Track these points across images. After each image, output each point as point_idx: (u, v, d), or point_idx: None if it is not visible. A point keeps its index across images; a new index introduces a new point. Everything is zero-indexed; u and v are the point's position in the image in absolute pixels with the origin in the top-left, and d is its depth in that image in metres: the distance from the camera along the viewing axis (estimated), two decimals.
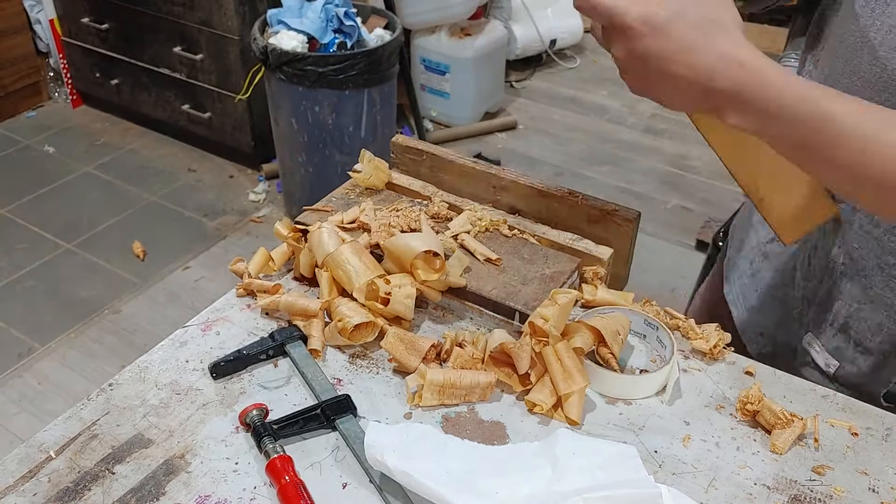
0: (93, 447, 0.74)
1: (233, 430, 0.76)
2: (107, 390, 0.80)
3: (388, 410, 0.78)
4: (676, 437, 0.77)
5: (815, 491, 0.72)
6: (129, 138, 3.33)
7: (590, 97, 3.73)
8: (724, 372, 0.84)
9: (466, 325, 0.89)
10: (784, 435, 0.76)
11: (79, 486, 0.70)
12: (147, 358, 0.84)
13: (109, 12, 3.10)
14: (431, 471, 0.66)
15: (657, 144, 3.32)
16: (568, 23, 3.88)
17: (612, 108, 3.64)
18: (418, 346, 0.81)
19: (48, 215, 2.85)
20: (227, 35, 2.80)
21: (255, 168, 3.10)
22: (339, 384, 0.81)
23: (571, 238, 0.97)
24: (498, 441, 0.76)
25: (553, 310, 0.79)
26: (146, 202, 2.95)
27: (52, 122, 3.42)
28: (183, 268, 2.63)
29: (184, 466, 0.72)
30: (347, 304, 0.85)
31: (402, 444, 0.68)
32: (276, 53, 2.40)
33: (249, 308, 0.91)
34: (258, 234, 2.80)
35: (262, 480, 0.71)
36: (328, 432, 0.76)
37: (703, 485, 0.72)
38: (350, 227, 0.97)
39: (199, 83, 3.00)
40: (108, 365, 2.24)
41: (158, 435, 0.75)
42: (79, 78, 3.43)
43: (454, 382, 0.78)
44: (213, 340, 0.86)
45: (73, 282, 2.56)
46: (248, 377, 0.82)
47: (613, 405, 0.80)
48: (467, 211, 1.00)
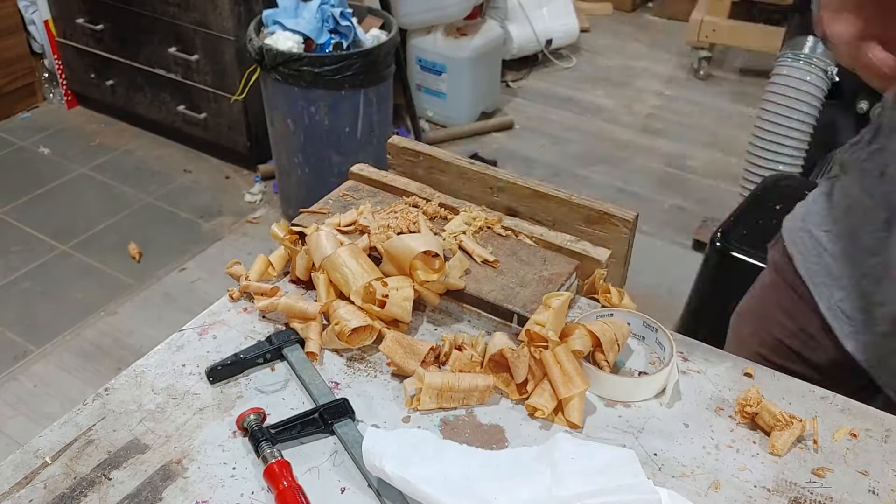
0: (89, 453, 0.73)
1: (230, 435, 0.75)
2: (102, 395, 0.79)
3: (387, 414, 0.78)
4: (676, 439, 0.77)
5: (814, 493, 0.72)
6: (125, 139, 3.32)
7: (586, 97, 3.73)
8: (723, 374, 0.84)
9: (464, 328, 0.89)
10: (783, 436, 0.76)
11: (75, 492, 0.70)
12: (143, 362, 0.83)
13: (104, 13, 3.09)
14: (430, 476, 0.65)
15: (654, 144, 3.32)
16: (564, 22, 3.88)
17: (608, 107, 3.64)
18: (417, 350, 0.81)
19: (43, 217, 2.84)
20: (222, 35, 2.79)
21: (251, 169, 3.10)
22: (336, 388, 0.81)
23: (569, 240, 0.97)
24: (497, 445, 0.75)
25: (548, 314, 0.79)
26: (142, 203, 2.94)
27: (47, 124, 3.41)
28: (179, 269, 2.62)
29: (181, 472, 0.72)
30: (345, 308, 0.84)
31: (401, 449, 0.67)
32: (272, 54, 2.39)
33: (246, 311, 0.90)
34: (254, 236, 2.79)
35: (259, 485, 0.71)
36: (326, 436, 0.75)
37: (702, 487, 0.72)
38: (347, 229, 0.97)
39: (195, 84, 2.99)
40: (104, 367, 2.24)
41: (155, 440, 0.75)
42: (74, 79, 3.42)
43: (452, 386, 0.78)
44: (210, 344, 0.86)
45: (69, 284, 2.55)
46: (245, 381, 0.81)
47: (612, 408, 0.80)
48: (463, 212, 0.99)
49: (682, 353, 0.86)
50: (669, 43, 4.25)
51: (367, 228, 0.94)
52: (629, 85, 3.83)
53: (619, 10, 4.62)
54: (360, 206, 1.00)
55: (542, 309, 0.80)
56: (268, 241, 2.77)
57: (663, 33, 4.39)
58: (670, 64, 4.05)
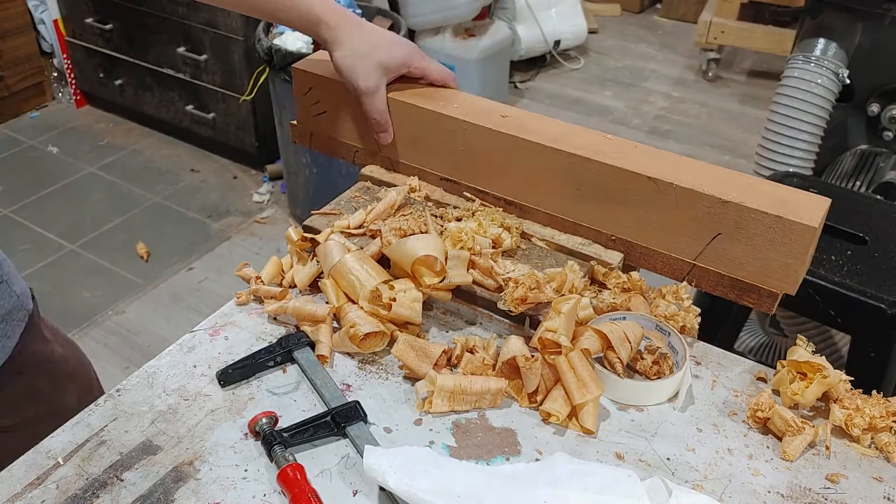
0: (101, 454, 0.73)
1: (242, 437, 0.75)
2: (114, 396, 0.79)
3: (399, 417, 0.78)
4: (689, 443, 0.76)
5: (829, 499, 0.71)
6: (133, 139, 3.32)
7: (594, 98, 3.73)
8: (736, 378, 0.84)
9: (476, 331, 0.88)
10: (795, 442, 0.75)
11: (87, 493, 0.70)
12: (155, 363, 0.83)
13: (113, 12, 3.10)
14: (436, 489, 0.65)
15: (662, 145, 3.30)
16: (572, 24, 3.88)
17: (616, 108, 3.63)
18: (429, 353, 0.81)
19: (52, 216, 2.85)
20: (231, 35, 2.80)
21: (259, 169, 3.10)
22: (348, 390, 0.80)
23: (580, 243, 0.96)
24: (509, 448, 0.75)
25: (559, 320, 0.79)
26: (150, 203, 2.95)
27: (55, 123, 3.42)
28: (187, 269, 2.63)
29: (192, 473, 0.72)
30: (357, 312, 0.84)
31: (403, 465, 0.67)
32: (281, 54, 2.39)
33: (257, 313, 0.90)
34: (262, 235, 2.79)
35: (271, 488, 0.70)
36: (338, 439, 0.75)
37: (716, 492, 0.72)
38: (357, 232, 0.96)
39: (203, 84, 3.00)
40: (112, 366, 2.24)
41: (167, 441, 0.75)
42: (83, 78, 3.43)
43: (464, 388, 0.78)
44: (221, 345, 0.85)
45: (77, 283, 2.56)
46: (256, 383, 0.81)
47: (625, 411, 0.80)
48: (479, 213, 0.98)
49: (696, 357, 0.86)
50: (677, 44, 4.24)
51: (379, 232, 0.94)
52: (637, 86, 3.83)
53: (628, 12, 4.62)
54: (368, 206, 1.00)
55: (553, 315, 0.80)
56: (276, 241, 2.78)
57: (671, 35, 4.38)
58: (678, 65, 4.04)
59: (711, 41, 3.77)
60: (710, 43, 3.78)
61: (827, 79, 2.01)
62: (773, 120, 2.08)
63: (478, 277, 0.90)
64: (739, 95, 3.76)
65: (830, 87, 2.01)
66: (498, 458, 0.74)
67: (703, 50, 3.86)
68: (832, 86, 2.01)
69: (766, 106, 2.27)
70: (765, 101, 2.55)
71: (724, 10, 3.73)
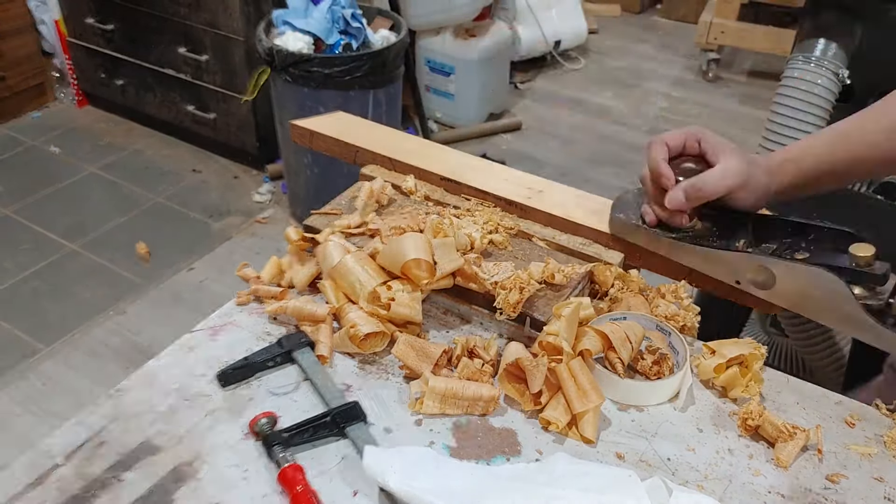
0: (101, 454, 0.73)
1: (242, 437, 0.75)
2: (114, 396, 0.79)
3: (399, 417, 0.78)
4: (689, 443, 0.76)
5: (829, 499, 0.71)
6: (134, 139, 3.32)
7: (594, 98, 3.72)
8: None
9: (477, 331, 0.88)
10: (787, 448, 0.75)
11: (87, 493, 0.70)
12: (155, 363, 0.83)
13: (114, 13, 3.10)
14: (436, 489, 0.65)
15: None
16: (572, 24, 3.88)
17: (616, 109, 3.63)
18: (429, 353, 0.81)
19: (53, 216, 2.85)
20: (232, 36, 2.80)
21: (260, 169, 3.10)
22: (348, 390, 0.80)
23: (581, 243, 0.96)
24: (509, 449, 0.75)
25: (560, 324, 0.78)
26: (151, 203, 2.95)
27: (57, 123, 3.42)
28: (188, 269, 2.63)
29: (192, 474, 0.72)
30: (357, 312, 0.84)
31: (403, 465, 0.67)
32: (282, 55, 2.39)
33: (257, 313, 0.90)
34: (263, 235, 2.79)
35: (271, 488, 0.70)
36: (338, 439, 0.75)
37: (716, 492, 0.72)
38: (357, 231, 0.96)
39: (204, 84, 3.00)
40: (113, 366, 2.24)
41: (167, 441, 0.75)
42: (84, 78, 3.43)
43: (456, 392, 0.77)
44: (222, 345, 0.85)
45: (78, 283, 2.56)
46: (256, 383, 0.81)
47: (626, 412, 0.80)
48: (479, 213, 0.99)
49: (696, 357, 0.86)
50: (677, 45, 4.24)
51: (378, 231, 0.94)
52: (637, 87, 3.83)
53: (628, 12, 4.61)
54: (367, 207, 0.99)
55: (554, 319, 0.80)
56: (276, 240, 2.78)
57: (671, 35, 4.38)
58: (678, 66, 4.04)
59: (711, 41, 3.77)
60: (711, 43, 3.78)
61: (827, 79, 2.00)
62: (774, 120, 2.08)
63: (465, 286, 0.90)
64: (739, 96, 3.76)
65: (830, 87, 2.01)
66: (498, 459, 0.74)
67: (704, 50, 3.86)
68: (832, 86, 2.01)
69: (767, 106, 2.27)
70: (765, 101, 2.55)
71: (724, 11, 3.73)
